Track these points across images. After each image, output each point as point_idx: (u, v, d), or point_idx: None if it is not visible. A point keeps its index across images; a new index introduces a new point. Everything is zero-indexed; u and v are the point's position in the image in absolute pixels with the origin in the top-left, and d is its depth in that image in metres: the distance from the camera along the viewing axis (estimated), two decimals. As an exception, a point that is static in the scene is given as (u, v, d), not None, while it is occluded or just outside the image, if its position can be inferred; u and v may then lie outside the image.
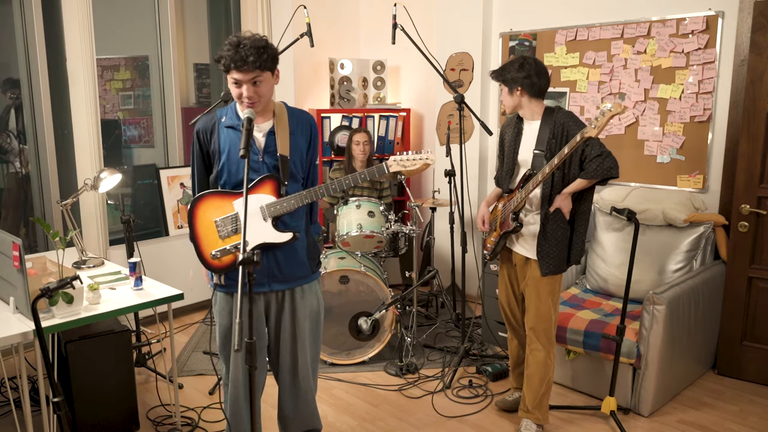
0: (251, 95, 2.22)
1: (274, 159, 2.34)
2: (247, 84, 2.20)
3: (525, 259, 2.89)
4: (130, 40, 4.62)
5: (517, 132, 2.91)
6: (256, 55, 2.16)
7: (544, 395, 2.92)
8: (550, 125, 2.79)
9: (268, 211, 2.31)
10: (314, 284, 2.51)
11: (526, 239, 2.88)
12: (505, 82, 2.83)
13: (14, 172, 4.13)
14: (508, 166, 2.94)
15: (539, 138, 2.80)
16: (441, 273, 4.39)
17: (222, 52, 2.20)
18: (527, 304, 2.91)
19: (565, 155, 2.59)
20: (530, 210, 2.85)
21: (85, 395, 2.87)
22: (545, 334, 2.87)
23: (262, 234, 2.32)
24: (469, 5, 4.64)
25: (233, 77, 2.21)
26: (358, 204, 3.91)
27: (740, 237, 3.47)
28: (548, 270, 2.80)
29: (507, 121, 3.03)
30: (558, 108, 2.84)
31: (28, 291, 2.44)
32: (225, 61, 2.18)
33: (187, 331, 4.36)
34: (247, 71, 2.17)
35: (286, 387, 2.55)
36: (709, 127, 3.71)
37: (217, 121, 2.38)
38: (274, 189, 2.32)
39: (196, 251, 2.40)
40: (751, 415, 3.18)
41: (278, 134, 2.33)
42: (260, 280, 2.36)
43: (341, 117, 5.13)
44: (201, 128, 2.39)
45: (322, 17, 5.06)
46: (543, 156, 2.76)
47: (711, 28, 3.64)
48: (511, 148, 2.92)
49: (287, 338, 2.46)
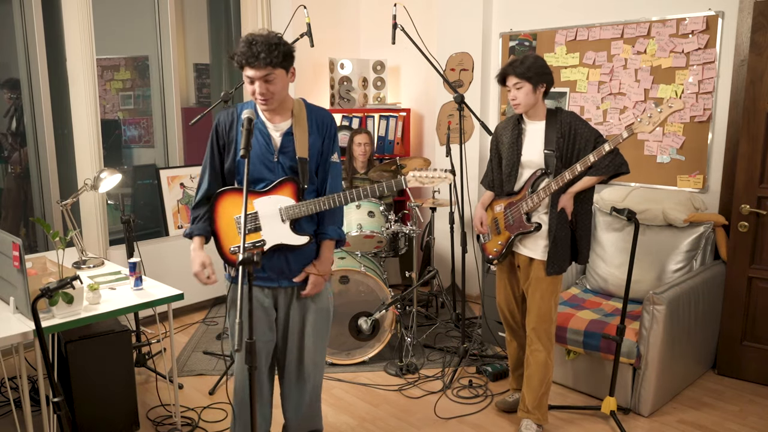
0: (263, 92, 2.23)
1: (290, 160, 2.34)
2: (259, 81, 2.22)
3: (529, 260, 2.88)
4: (130, 40, 4.62)
5: (518, 133, 2.87)
6: (267, 51, 2.18)
7: (543, 395, 2.92)
8: (556, 125, 2.77)
9: (286, 214, 2.32)
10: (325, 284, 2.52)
11: (531, 240, 2.86)
12: (530, 78, 2.73)
13: (12, 172, 4.13)
14: (508, 168, 2.91)
15: (547, 138, 2.78)
16: (441, 273, 4.39)
17: (236, 49, 2.23)
18: (529, 304, 2.91)
19: (601, 156, 2.64)
20: (537, 211, 2.84)
21: (85, 395, 2.87)
22: (546, 335, 2.88)
23: (280, 235, 2.34)
24: (469, 5, 4.64)
25: (246, 74, 2.23)
26: (358, 204, 3.91)
27: (740, 237, 3.47)
28: (553, 270, 2.80)
29: (503, 122, 3.00)
30: (559, 108, 2.85)
31: (28, 291, 2.44)
32: (238, 58, 2.21)
33: (187, 331, 4.36)
34: (259, 68, 2.19)
35: (291, 384, 2.55)
36: (709, 127, 3.71)
37: (236, 116, 2.40)
38: (294, 192, 2.33)
39: (216, 245, 2.43)
40: (751, 415, 3.18)
41: (297, 135, 2.34)
42: (270, 275, 2.39)
43: (341, 117, 5.14)
44: (221, 120, 2.40)
45: (322, 17, 5.06)
46: (554, 156, 2.76)
47: (711, 28, 3.64)
48: (512, 150, 2.88)
49: (294, 334, 2.47)
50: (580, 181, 2.74)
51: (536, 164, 2.82)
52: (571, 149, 2.77)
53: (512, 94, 2.79)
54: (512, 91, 2.78)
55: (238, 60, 2.22)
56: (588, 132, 2.77)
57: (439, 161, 4.97)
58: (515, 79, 2.75)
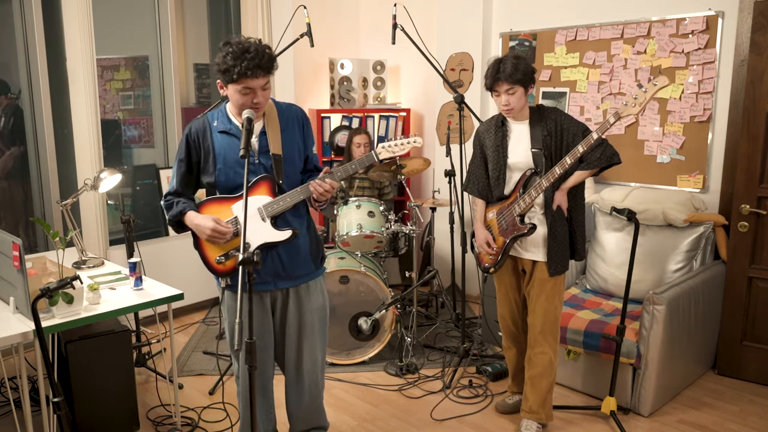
0: (262, 100, 2.23)
1: (269, 159, 2.34)
2: (259, 90, 2.20)
3: (532, 263, 2.85)
4: (130, 40, 4.62)
5: (502, 135, 2.81)
6: (268, 60, 2.17)
7: (548, 394, 2.91)
8: (541, 123, 2.74)
9: (266, 211, 2.32)
10: (319, 280, 2.53)
11: (532, 242, 2.81)
12: (524, 82, 2.66)
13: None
14: (496, 173, 2.84)
15: (533, 137, 2.74)
16: (441, 273, 4.39)
17: (227, 61, 2.14)
18: (533, 306, 2.86)
19: (592, 145, 2.58)
20: (534, 212, 2.79)
21: (85, 395, 2.87)
22: (553, 335, 2.85)
23: (262, 234, 2.33)
24: (469, 5, 4.64)
25: (245, 85, 2.17)
26: (358, 204, 3.91)
27: (740, 237, 3.47)
28: (556, 270, 2.77)
29: (484, 125, 2.92)
30: (541, 106, 2.81)
31: (28, 291, 2.44)
32: (239, 70, 2.12)
33: (187, 331, 4.36)
34: (261, 77, 2.18)
35: (291, 382, 2.58)
36: (709, 127, 3.71)
37: (208, 125, 2.36)
38: (270, 189, 2.33)
39: (202, 258, 2.41)
40: (751, 415, 3.18)
41: (269, 134, 2.34)
42: (265, 278, 2.38)
43: (341, 117, 5.13)
44: (193, 131, 2.37)
45: (322, 17, 5.06)
46: (541, 154, 2.71)
47: (711, 28, 3.64)
48: (498, 153, 2.82)
49: (292, 334, 2.49)
50: (572, 176, 2.70)
51: (524, 165, 2.77)
52: (559, 145, 2.73)
53: (504, 100, 2.70)
54: (503, 96, 2.69)
55: (239, 72, 2.13)
56: (574, 126, 2.73)
57: (439, 161, 4.97)
58: (507, 85, 2.66)
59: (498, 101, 2.74)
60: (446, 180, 3.81)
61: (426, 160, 4.24)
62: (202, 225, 2.30)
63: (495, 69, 2.69)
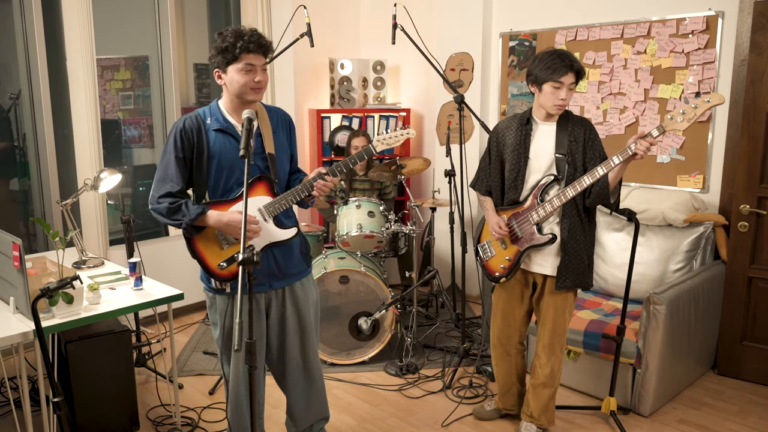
0: (264, 80, 2.22)
1: (263, 159, 2.34)
2: (260, 68, 2.21)
3: (543, 277, 2.71)
4: (130, 40, 4.62)
5: (525, 134, 2.63)
6: (265, 40, 2.20)
7: (550, 401, 2.88)
8: (567, 127, 2.59)
9: (267, 212, 2.31)
10: (310, 277, 2.55)
11: (541, 255, 2.67)
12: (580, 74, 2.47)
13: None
14: (513, 173, 2.65)
15: (558, 140, 2.57)
16: (441, 273, 4.39)
17: (227, 40, 2.15)
18: (543, 320, 2.76)
19: (621, 163, 2.41)
20: (548, 221, 2.62)
21: (85, 395, 2.87)
22: (560, 348, 2.79)
23: (267, 235, 2.32)
24: (469, 5, 4.64)
25: (249, 62, 2.17)
26: (358, 204, 3.91)
27: (740, 237, 3.47)
28: (564, 285, 2.63)
29: (506, 122, 2.75)
30: (569, 111, 2.68)
31: (28, 291, 2.44)
32: (241, 44, 2.13)
33: (187, 331, 4.36)
34: (261, 54, 2.20)
35: (297, 379, 2.54)
36: (709, 127, 3.71)
37: (202, 122, 2.29)
38: (268, 189, 2.33)
39: (202, 266, 2.34)
40: (751, 415, 3.18)
41: (263, 134, 2.34)
42: (261, 280, 2.36)
43: (341, 117, 5.14)
44: (187, 127, 2.27)
45: (322, 17, 5.06)
46: (565, 161, 2.55)
47: (711, 28, 3.64)
48: (517, 152, 2.64)
49: (293, 332, 2.48)
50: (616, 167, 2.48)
51: (544, 169, 2.61)
52: (582, 156, 2.58)
53: (564, 93, 2.48)
54: (563, 90, 2.48)
55: (243, 47, 2.13)
56: (600, 146, 2.60)
57: (439, 161, 4.97)
58: (575, 78, 2.47)
59: (553, 96, 2.50)
60: (446, 180, 3.81)
61: (426, 160, 4.24)
62: (233, 219, 2.22)
63: (566, 59, 2.47)
